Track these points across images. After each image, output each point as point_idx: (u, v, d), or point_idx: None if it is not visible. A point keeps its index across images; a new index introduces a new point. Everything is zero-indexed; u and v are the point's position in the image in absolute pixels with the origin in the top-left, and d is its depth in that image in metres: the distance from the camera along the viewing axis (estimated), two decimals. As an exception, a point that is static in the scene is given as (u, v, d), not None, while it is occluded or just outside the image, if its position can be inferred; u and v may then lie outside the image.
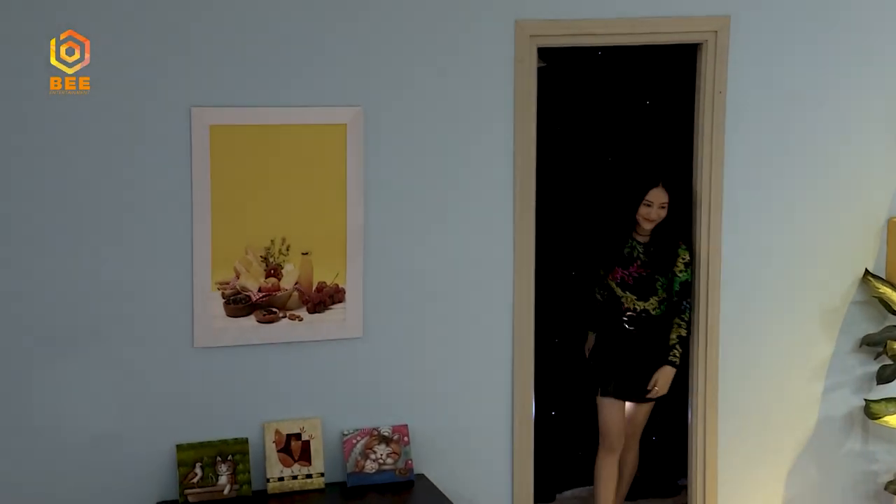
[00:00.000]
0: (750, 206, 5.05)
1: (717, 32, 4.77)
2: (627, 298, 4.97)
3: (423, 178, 4.53)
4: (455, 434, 4.67)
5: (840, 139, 5.17)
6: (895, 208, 5.30)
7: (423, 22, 4.42)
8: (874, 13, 5.18)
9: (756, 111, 5.02)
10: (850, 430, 5.33)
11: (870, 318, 5.28)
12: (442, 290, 4.63)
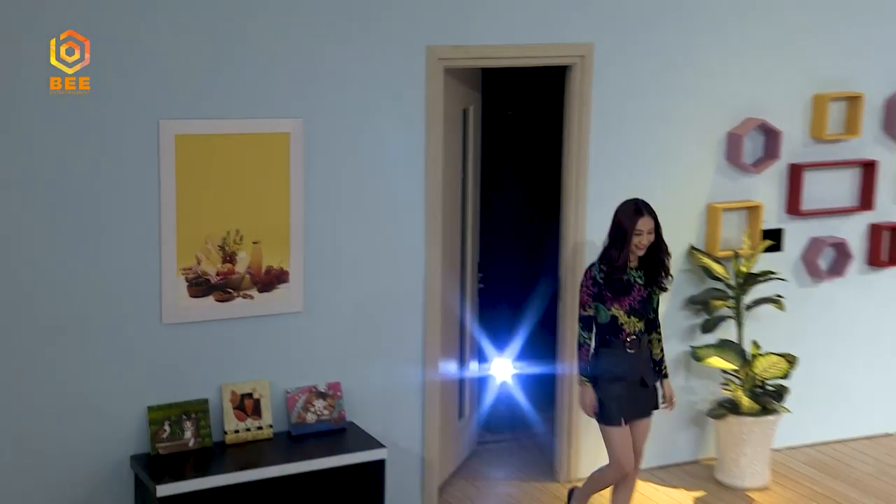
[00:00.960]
0: (607, 197, 5.54)
1: (583, 57, 5.38)
2: (630, 323, 4.88)
3: (351, 179, 5.01)
4: (379, 389, 5.21)
5: (676, 147, 5.82)
6: (711, 198, 5.99)
7: (353, 47, 4.89)
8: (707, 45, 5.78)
9: (615, 122, 5.62)
10: (678, 370, 5.95)
11: (694, 283, 5.96)
12: (367, 272, 5.10)
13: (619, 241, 4.76)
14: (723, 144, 5.91)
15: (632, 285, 4.78)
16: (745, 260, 5.80)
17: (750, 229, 5.96)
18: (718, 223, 5.89)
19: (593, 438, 5.72)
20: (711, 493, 5.79)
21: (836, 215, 6.22)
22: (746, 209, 5.99)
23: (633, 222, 4.70)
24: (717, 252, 5.90)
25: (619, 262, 4.75)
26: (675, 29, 5.69)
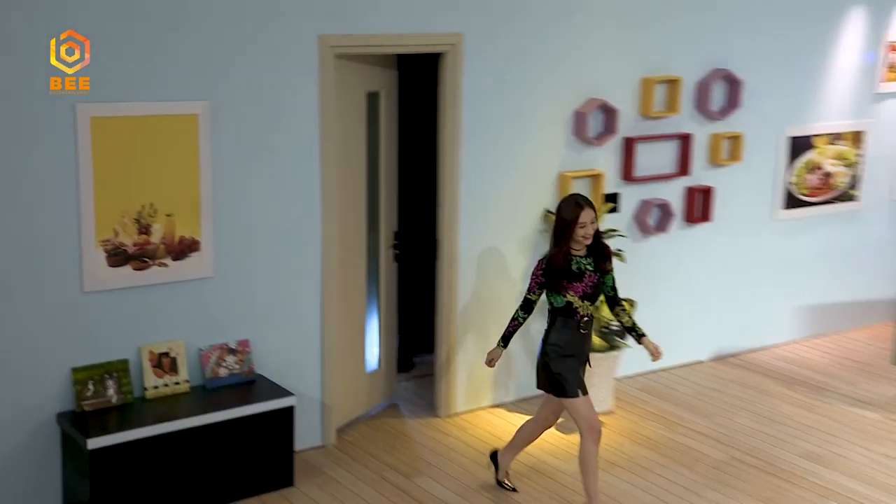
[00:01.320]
0: (478, 167, 6.02)
1: (454, 45, 5.75)
2: (584, 307, 4.97)
3: (255, 156, 5.28)
4: (283, 344, 5.55)
5: (532, 124, 6.20)
6: (562, 167, 6.38)
7: (254, 36, 5.15)
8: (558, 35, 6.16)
9: (482, 103, 5.98)
10: (537, 315, 5.84)
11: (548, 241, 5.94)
12: (270, 240, 5.39)
13: (564, 234, 4.86)
14: (570, 121, 6.33)
15: (583, 272, 4.89)
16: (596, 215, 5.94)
17: (594, 194, 6.40)
18: (569, 189, 6.20)
19: (467, 377, 6.29)
20: (568, 418, 5.94)
21: (661, 180, 6.79)
22: (591, 177, 6.44)
23: (575, 215, 4.79)
24: None
25: (561, 252, 4.85)
26: (532, 21, 6.05)
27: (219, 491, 5.11)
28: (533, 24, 6.10)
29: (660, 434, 6.11)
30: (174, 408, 5.06)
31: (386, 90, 6.12)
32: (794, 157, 7.48)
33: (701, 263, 7.25)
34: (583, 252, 4.89)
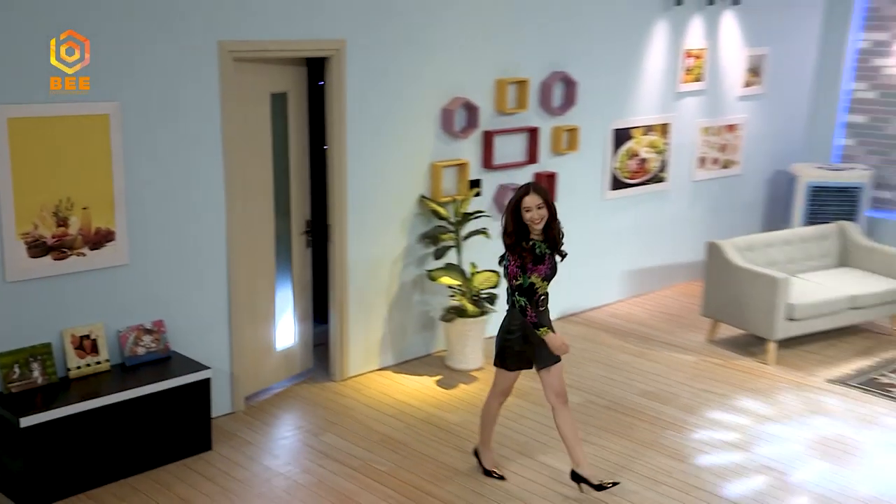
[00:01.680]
0: (362, 157, 6.06)
1: (338, 50, 5.78)
2: (543, 286, 4.82)
3: (163, 152, 5.19)
4: (194, 322, 5.49)
5: (407, 119, 6.25)
6: (433, 158, 6.43)
7: (160, 42, 5.05)
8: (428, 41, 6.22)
9: (364, 100, 6.00)
10: (415, 288, 6.58)
11: (424, 223, 6.52)
12: (179, 229, 5.31)
13: (512, 219, 4.67)
14: (439, 117, 6.43)
15: (544, 255, 4.73)
16: (460, 203, 6.43)
17: (460, 180, 6.57)
18: (440, 177, 6.41)
19: (357, 344, 6.32)
20: (446, 375, 6.42)
21: (514, 167, 6.97)
22: (457, 165, 6.55)
23: (518, 196, 4.64)
24: (440, 198, 6.43)
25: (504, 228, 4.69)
26: (406, 28, 6.12)
27: (144, 459, 5.04)
28: (406, 31, 6.15)
29: (525, 384, 6.12)
30: (98, 386, 4.96)
31: (295, 90, 6.00)
32: (617, 146, 7.75)
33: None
34: (540, 237, 4.70)
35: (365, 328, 6.40)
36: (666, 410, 5.94)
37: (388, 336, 6.56)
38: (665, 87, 8.03)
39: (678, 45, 7.98)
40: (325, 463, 5.18)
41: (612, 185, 7.83)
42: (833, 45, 9.35)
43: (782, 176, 9.35)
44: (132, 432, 4.98)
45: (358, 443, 5.44)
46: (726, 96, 8.61)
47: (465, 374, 6.49)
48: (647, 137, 7.99)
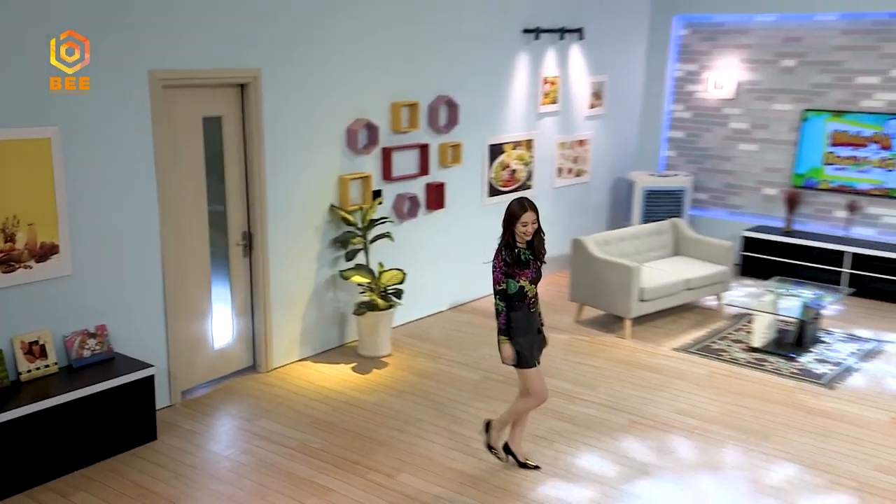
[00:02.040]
0: (278, 174, 6.04)
1: (255, 77, 5.77)
2: (531, 289, 4.78)
3: (102, 172, 5.08)
4: (134, 325, 5.39)
5: (318, 138, 6.25)
6: (340, 172, 6.46)
7: (96, 71, 4.91)
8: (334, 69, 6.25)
9: (279, 122, 6.01)
10: (329, 287, 6.60)
11: (335, 229, 6.56)
12: (118, 242, 5.21)
13: (508, 228, 4.69)
14: (344, 136, 6.50)
15: (528, 261, 4.73)
16: (366, 211, 6.54)
17: (364, 191, 6.64)
18: (347, 188, 6.48)
19: (279, 338, 6.30)
20: (360, 362, 6.50)
21: (409, 179, 7.10)
22: (361, 178, 6.62)
23: (519, 215, 4.63)
24: (348, 207, 6.50)
25: (505, 242, 4.69)
26: (314, 57, 6.15)
27: (96, 451, 4.95)
28: (314, 61, 6.19)
29: (428, 366, 6.47)
30: (48, 387, 4.82)
31: (230, 113, 5.87)
32: (492, 159, 7.97)
33: (439, 238, 7.58)
34: (524, 245, 4.72)
35: (286, 324, 6.40)
36: (552, 382, 6.07)
37: (307, 330, 6.58)
38: (528, 109, 8.32)
39: (538, 73, 8.32)
40: (264, 445, 5.19)
41: (489, 192, 8.06)
42: (656, 74, 9.95)
43: (622, 182, 9.89)
44: (83, 428, 4.87)
45: (291, 425, 5.46)
46: (576, 116, 9.00)
47: (376, 360, 6.58)
48: (516, 151, 8.26)
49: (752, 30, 9.25)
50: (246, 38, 5.72)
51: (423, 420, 5.54)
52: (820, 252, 8.63)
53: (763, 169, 9.38)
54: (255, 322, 6.26)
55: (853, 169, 8.71)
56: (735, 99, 9.46)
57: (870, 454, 5.17)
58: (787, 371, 6.41)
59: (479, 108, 7.73)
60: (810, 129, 8.94)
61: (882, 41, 8.48)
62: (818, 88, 8.91)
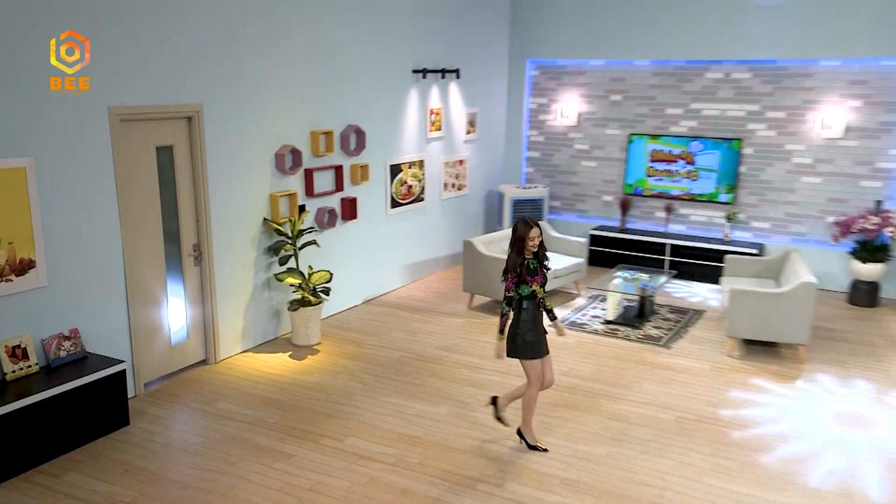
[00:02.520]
0: (219, 197, 6.04)
1: (198, 111, 5.81)
2: (540, 291, 4.81)
3: (72, 195, 5.03)
4: (102, 327, 5.34)
5: (252, 162, 6.31)
6: (271, 190, 6.44)
7: (64, 107, 4.89)
8: (266, 101, 6.28)
9: (221, 150, 6.04)
10: (265, 288, 6.63)
11: (268, 239, 6.59)
12: (86, 257, 5.17)
13: (518, 245, 4.76)
14: (274, 159, 6.58)
15: (536, 269, 4.79)
16: (294, 223, 6.59)
17: (291, 206, 6.73)
18: (277, 204, 6.56)
19: (224, 333, 6.30)
20: (295, 351, 6.57)
21: (328, 195, 7.21)
22: (289, 195, 6.70)
23: (527, 233, 4.71)
24: (279, 220, 6.57)
25: (519, 258, 4.74)
26: (247, 93, 6.22)
27: (77, 438, 4.92)
28: (247, 96, 6.24)
29: (354, 350, 6.62)
30: (32, 385, 4.74)
31: (181, 143, 5.83)
32: (393, 177, 8.16)
33: (353, 243, 7.69)
34: (531, 256, 4.79)
35: (230, 321, 6.42)
36: (459, 357, 6.43)
37: (248, 326, 6.59)
38: (419, 135, 8.59)
39: (425, 106, 8.61)
40: (225, 423, 5.26)
41: (391, 204, 8.25)
42: (515, 106, 10.42)
43: (493, 194, 10.32)
44: (65, 418, 4.82)
45: (245, 405, 5.53)
46: (456, 141, 9.35)
47: (309, 348, 6.66)
48: (411, 170, 8.50)
49: (587, 71, 9.90)
50: (190, 77, 5.75)
51: (356, 394, 5.73)
52: (647, 244, 9.40)
53: (601, 180, 10.03)
54: (205, 321, 6.25)
55: (668, 179, 9.48)
56: (577, 126, 10.05)
57: (700, 394, 5.86)
58: (635, 337, 7.09)
59: (381, 135, 7.94)
60: (635, 149, 9.66)
61: (682, 82, 9.31)
62: (639, 117, 9.65)
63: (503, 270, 4.81)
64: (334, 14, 7.05)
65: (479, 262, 7.70)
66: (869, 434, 5.23)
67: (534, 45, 10.09)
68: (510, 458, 4.87)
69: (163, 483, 4.50)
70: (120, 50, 5.20)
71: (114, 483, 4.47)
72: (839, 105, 8.38)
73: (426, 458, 4.81)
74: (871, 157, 8.33)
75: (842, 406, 5.66)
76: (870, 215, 8.06)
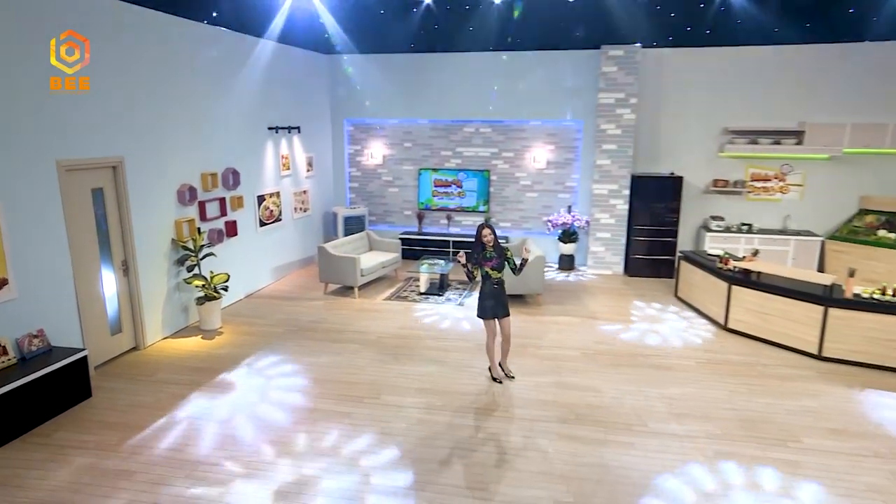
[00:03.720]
0: (140, 222, 5.97)
1: (121, 161, 5.88)
2: (494, 274, 5.01)
3: (32, 227, 5.03)
4: (59, 326, 5.33)
5: (161, 198, 6.28)
6: (177, 217, 6.46)
7: (22, 158, 4.91)
8: (169, 151, 6.33)
9: (143, 194, 5.99)
10: (177, 289, 6.53)
11: (178, 253, 6.62)
12: (44, 274, 5.17)
13: (477, 240, 5.08)
14: (176, 194, 6.66)
15: (491, 257, 5.07)
16: (196, 241, 6.71)
17: (192, 230, 6.75)
18: (181, 228, 6.65)
19: (151, 324, 6.31)
20: (205, 334, 6.65)
21: (216, 219, 7.27)
22: (189, 221, 6.77)
23: (479, 231, 5.04)
24: (183, 239, 6.67)
25: (476, 250, 5.06)
26: (156, 146, 6.22)
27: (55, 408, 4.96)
28: (156, 148, 6.23)
29: (250, 329, 6.83)
30: (12, 374, 4.76)
31: (109, 185, 5.78)
32: (259, 204, 8.32)
33: (235, 253, 7.73)
34: (491, 247, 5.07)
35: (153, 315, 6.45)
36: (326, 325, 6.81)
37: (166, 318, 6.62)
38: (275, 173, 8.78)
39: (278, 152, 8.88)
40: (169, 386, 5.45)
41: (260, 224, 8.43)
42: (339, 152, 10.83)
43: (329, 213, 10.68)
44: (44, 395, 4.88)
45: (180, 374, 5.71)
46: (300, 177, 9.60)
47: (215, 331, 6.80)
48: (272, 199, 8.70)
49: (387, 127, 10.61)
50: (114, 136, 5.84)
51: (260, 357, 6.06)
52: (438, 242, 10.39)
53: (402, 200, 10.82)
54: (134, 316, 6.28)
55: (446, 198, 10.58)
56: (383, 164, 10.62)
57: None
58: (441, 301, 8.05)
59: (250, 174, 8.13)
60: (423, 178, 10.56)
61: (450, 133, 10.27)
62: (424, 157, 10.56)
63: (467, 256, 5.12)
64: (214, 87, 7.29)
65: (331, 260, 8.20)
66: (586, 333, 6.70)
67: (348, 109, 10.67)
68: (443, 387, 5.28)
69: (137, 427, 4.76)
70: (62, 114, 5.25)
71: (97, 434, 4.69)
72: (542, 148, 9.92)
73: (323, 391, 5.34)
74: (562, 180, 10.03)
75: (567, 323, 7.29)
76: (565, 214, 10.06)
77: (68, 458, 4.36)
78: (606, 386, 5.45)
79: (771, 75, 8.78)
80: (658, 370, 5.79)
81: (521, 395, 5.23)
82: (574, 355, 6.17)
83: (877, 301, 5.92)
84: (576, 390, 5.34)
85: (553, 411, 4.95)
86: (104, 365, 5.97)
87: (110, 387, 5.49)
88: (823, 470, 4.21)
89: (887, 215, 8.58)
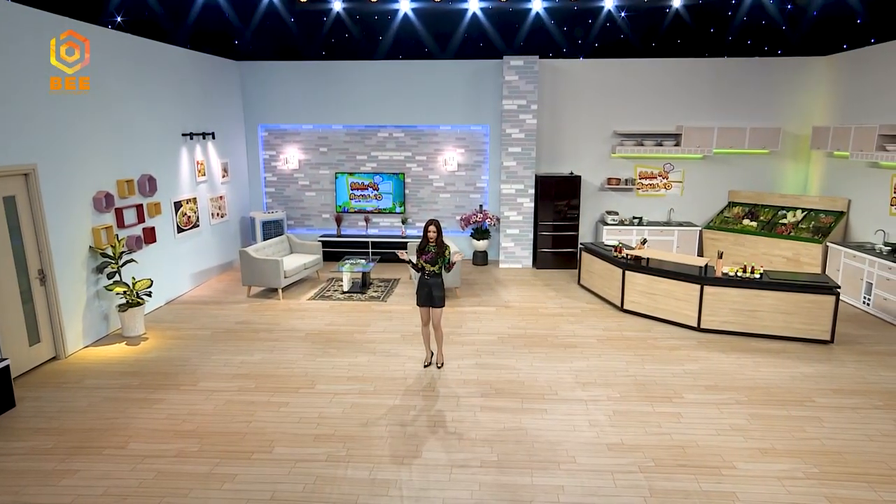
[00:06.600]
0: (57, 230, 5.81)
1: (33, 169, 5.73)
2: (428, 267, 5.34)
3: None
4: None
5: (77, 203, 6.11)
6: (92, 224, 6.26)
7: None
8: (88, 156, 6.16)
9: (55, 198, 5.86)
10: (98, 297, 6.33)
11: (97, 260, 6.39)
12: None
13: (423, 236, 5.42)
14: (92, 202, 6.52)
15: (428, 251, 5.44)
16: (115, 248, 6.55)
17: (109, 236, 6.56)
18: (99, 235, 6.49)
19: (71, 333, 6.15)
20: (128, 340, 6.55)
21: (135, 226, 7.09)
22: (106, 228, 6.51)
23: (426, 227, 5.39)
24: (102, 246, 6.57)
25: (421, 245, 5.39)
26: (70, 153, 6.07)
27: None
28: (70, 155, 6.09)
29: (175, 333, 6.75)
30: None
31: (21, 194, 5.62)
32: (177, 210, 8.14)
33: (154, 260, 7.58)
34: (433, 244, 5.44)
35: (72, 324, 6.31)
36: (253, 326, 6.90)
37: (86, 327, 6.49)
38: (191, 179, 8.72)
39: (193, 158, 8.81)
40: (99, 391, 5.38)
41: (177, 230, 8.37)
42: (254, 157, 10.79)
43: (246, 219, 10.65)
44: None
45: (109, 378, 5.65)
46: (216, 183, 9.55)
47: (139, 337, 6.76)
48: (188, 205, 8.62)
49: (302, 132, 10.57)
50: (26, 144, 5.69)
51: (191, 358, 6.10)
52: (357, 243, 10.65)
53: (320, 204, 10.91)
54: (53, 326, 6.12)
55: (364, 200, 10.83)
56: (299, 169, 10.69)
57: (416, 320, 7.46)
58: (364, 299, 8.33)
59: (166, 180, 8.05)
60: (340, 182, 10.73)
61: (364, 139, 10.51)
62: (339, 162, 10.67)
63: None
64: (128, 92, 7.17)
65: (253, 263, 8.28)
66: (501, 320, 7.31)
67: (261, 114, 10.64)
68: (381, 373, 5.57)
69: (70, 432, 4.71)
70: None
71: (29, 440, 4.61)
72: (453, 151, 10.37)
73: (258, 385, 5.54)
74: (473, 181, 10.55)
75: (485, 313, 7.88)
76: (477, 213, 10.48)
77: (1, 465, 4.28)
78: (521, 364, 5.95)
79: (652, 84, 9.73)
80: (566, 348, 6.41)
81: (446, 376, 5.60)
82: (492, 339, 6.69)
83: (739, 278, 6.92)
84: (494, 369, 5.79)
85: (475, 388, 5.39)
86: (23, 376, 5.79)
87: (35, 395, 5.36)
88: (700, 417, 4.96)
89: (750, 206, 9.84)
